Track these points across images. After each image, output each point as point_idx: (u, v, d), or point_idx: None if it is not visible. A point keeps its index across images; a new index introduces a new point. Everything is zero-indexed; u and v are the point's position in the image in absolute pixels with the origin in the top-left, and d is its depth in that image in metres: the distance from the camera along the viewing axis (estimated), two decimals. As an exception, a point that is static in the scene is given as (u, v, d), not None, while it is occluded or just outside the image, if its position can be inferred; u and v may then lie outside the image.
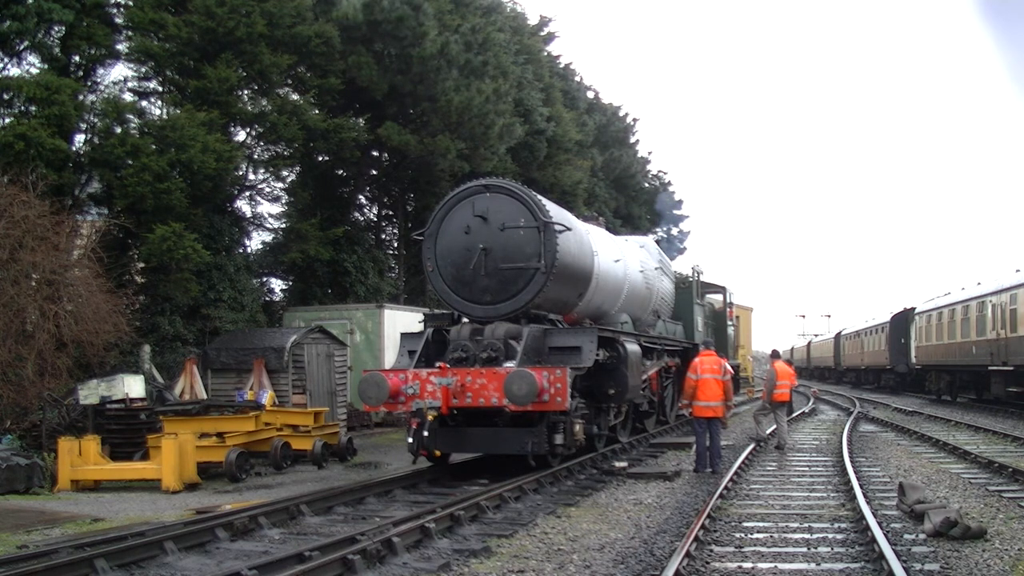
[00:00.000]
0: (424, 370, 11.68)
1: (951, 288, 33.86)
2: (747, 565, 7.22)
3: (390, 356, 19.07)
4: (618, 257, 15.70)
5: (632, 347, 13.79)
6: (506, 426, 11.80)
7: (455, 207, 12.65)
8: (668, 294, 19.66)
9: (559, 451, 11.73)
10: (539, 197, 12.67)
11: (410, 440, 11.57)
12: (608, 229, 18.51)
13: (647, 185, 46.00)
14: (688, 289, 21.18)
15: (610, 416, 14.17)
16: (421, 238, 13.05)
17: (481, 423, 11.93)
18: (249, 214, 24.02)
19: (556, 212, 12.97)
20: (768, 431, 16.63)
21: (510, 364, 11.56)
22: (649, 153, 61.45)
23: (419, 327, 13.61)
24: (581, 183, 32.53)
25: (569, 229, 12.91)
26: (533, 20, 35.15)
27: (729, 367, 13.95)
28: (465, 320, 12.80)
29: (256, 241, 25.00)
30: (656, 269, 18.61)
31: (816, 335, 71.38)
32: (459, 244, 12.52)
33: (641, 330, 16.51)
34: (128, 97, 19.77)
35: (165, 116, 19.47)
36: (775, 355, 17.27)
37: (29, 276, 14.76)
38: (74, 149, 17.86)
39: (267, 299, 24.66)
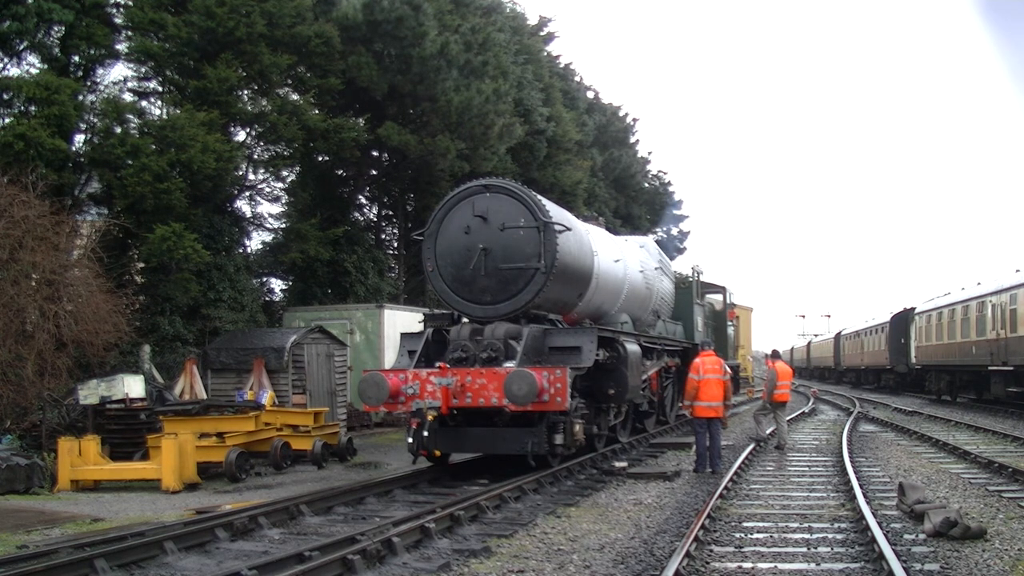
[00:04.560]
0: (424, 370, 11.68)
1: (951, 288, 33.89)
2: (747, 565, 7.22)
3: (390, 356, 19.07)
4: (618, 257, 15.69)
5: (632, 347, 13.79)
6: (506, 426, 11.79)
7: (455, 207, 12.64)
8: (668, 294, 19.65)
9: (559, 451, 11.73)
10: (539, 197, 12.67)
11: (410, 440, 11.57)
12: (608, 229, 18.51)
13: (647, 185, 46.00)
14: (688, 289, 21.19)
15: (610, 416, 14.17)
16: (421, 238, 13.06)
17: (481, 423, 11.92)
18: (249, 214, 24.03)
19: (556, 212, 12.97)
20: (768, 431, 16.62)
21: (510, 364, 11.56)
22: (649, 153, 61.45)
23: (418, 327, 13.61)
24: (581, 183, 32.53)
25: (569, 229, 12.90)
26: (533, 20, 35.22)
27: (728, 367, 13.96)
28: (465, 320, 12.80)
29: (256, 241, 25.03)
30: (656, 269, 18.59)
31: (816, 335, 71.41)
32: (459, 244, 12.52)
33: (641, 330, 16.51)
34: (128, 97, 19.78)
35: (165, 116, 19.46)
36: (775, 355, 17.24)
37: (29, 276, 14.75)
38: (74, 149, 17.85)
39: (267, 299, 24.67)
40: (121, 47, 19.27)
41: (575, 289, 13.53)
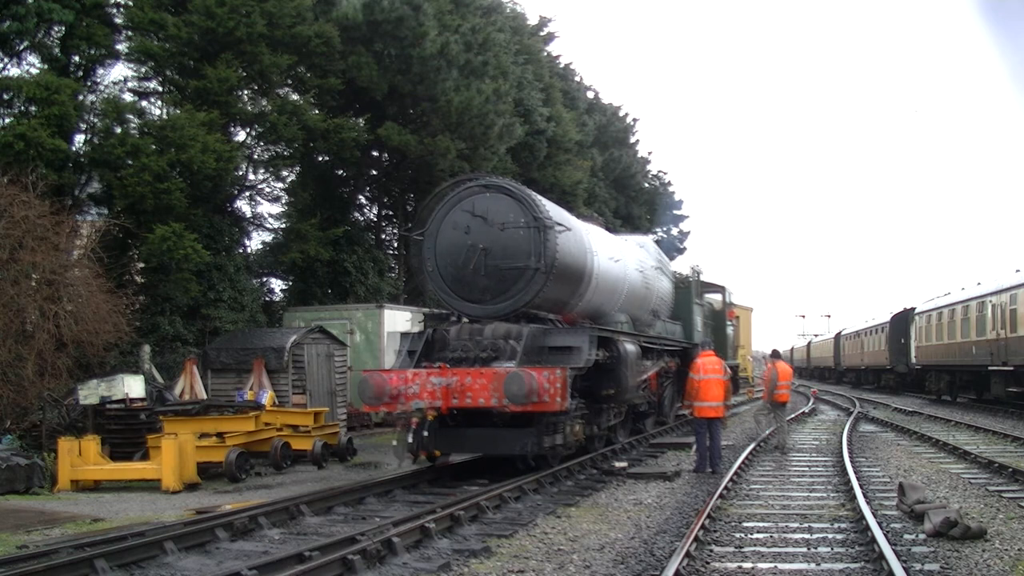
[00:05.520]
0: (422, 370, 11.61)
1: (951, 288, 33.89)
2: (747, 565, 7.22)
3: (390, 356, 19.05)
4: (616, 256, 15.61)
5: (630, 347, 13.72)
6: (503, 427, 11.67)
7: (453, 206, 12.57)
8: (667, 294, 19.57)
9: (557, 452, 11.65)
10: (537, 196, 12.61)
11: (406, 441, 11.47)
12: (608, 229, 18.47)
13: (647, 185, 46.04)
14: (687, 289, 21.10)
15: (608, 417, 14.04)
16: (419, 237, 12.91)
17: (479, 423, 11.81)
18: (249, 214, 24.09)
19: (554, 211, 12.91)
20: (768, 431, 16.61)
21: (507, 364, 11.48)
22: (649, 153, 61.51)
23: (409, 327, 13.55)
24: (581, 183, 32.55)
25: (567, 228, 12.83)
26: (533, 20, 35.32)
27: (728, 367, 13.94)
28: (463, 320, 12.73)
29: (256, 241, 25.08)
30: (655, 269, 18.52)
31: (816, 335, 71.36)
32: (457, 243, 12.44)
33: (640, 330, 16.43)
34: (128, 97, 19.82)
35: (165, 116, 19.49)
36: (775, 355, 17.19)
37: (29, 276, 14.75)
38: (74, 149, 17.87)
39: (267, 299, 24.69)
40: (121, 47, 19.31)
41: (573, 288, 13.45)
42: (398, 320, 20.60)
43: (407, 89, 23.01)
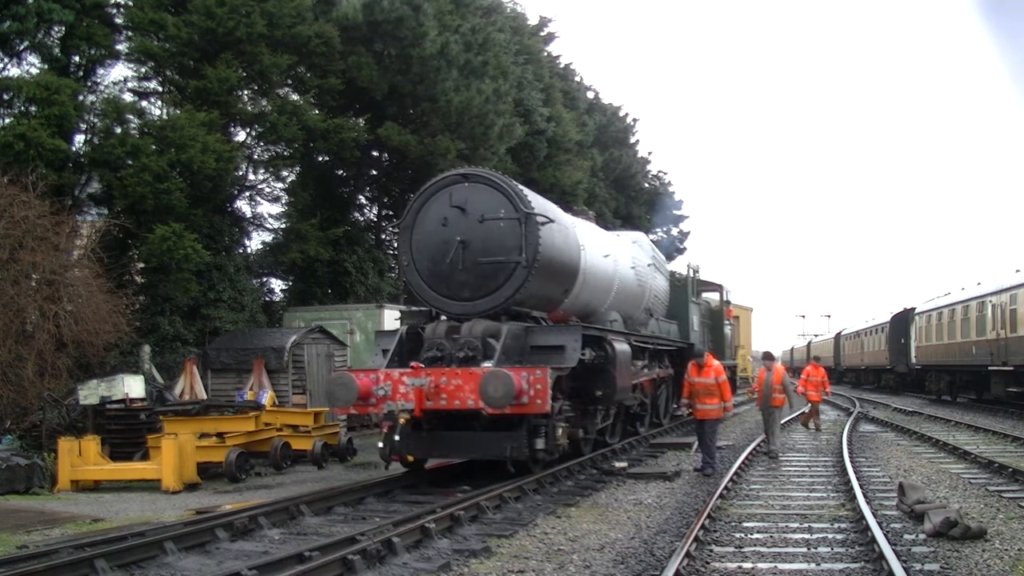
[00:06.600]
0: (397, 370, 11.07)
1: (951, 288, 33.89)
2: (747, 565, 7.22)
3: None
4: (607, 252, 15.06)
5: (621, 347, 13.16)
6: (485, 429, 11.14)
7: (432, 198, 11.98)
8: (662, 292, 19.07)
9: (540, 456, 11.17)
10: (521, 187, 12.00)
11: (381, 445, 11.09)
12: (607, 228, 18.30)
13: (647, 185, 46.05)
14: (683, 287, 20.78)
15: (597, 419, 13.52)
16: (405, 231, 12.22)
17: (459, 426, 11.26)
18: (249, 214, 24.12)
19: (539, 203, 12.26)
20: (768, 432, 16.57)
21: (488, 364, 10.95)
22: (649, 153, 61.26)
23: (397, 326, 13.15)
24: (581, 183, 32.57)
25: (553, 221, 12.25)
26: (533, 20, 35.38)
27: (726, 368, 13.91)
28: (442, 317, 12.14)
29: (256, 241, 25.10)
30: (649, 266, 18.01)
31: (816, 335, 71.35)
32: (436, 237, 11.83)
33: (633, 329, 15.84)
34: (128, 97, 19.87)
35: (165, 116, 19.52)
36: (769, 357, 16.94)
37: (29, 276, 14.77)
38: (74, 149, 17.89)
39: (267, 299, 24.71)
40: (121, 47, 19.35)
41: (560, 285, 12.90)
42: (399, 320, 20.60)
43: (407, 89, 23.03)
